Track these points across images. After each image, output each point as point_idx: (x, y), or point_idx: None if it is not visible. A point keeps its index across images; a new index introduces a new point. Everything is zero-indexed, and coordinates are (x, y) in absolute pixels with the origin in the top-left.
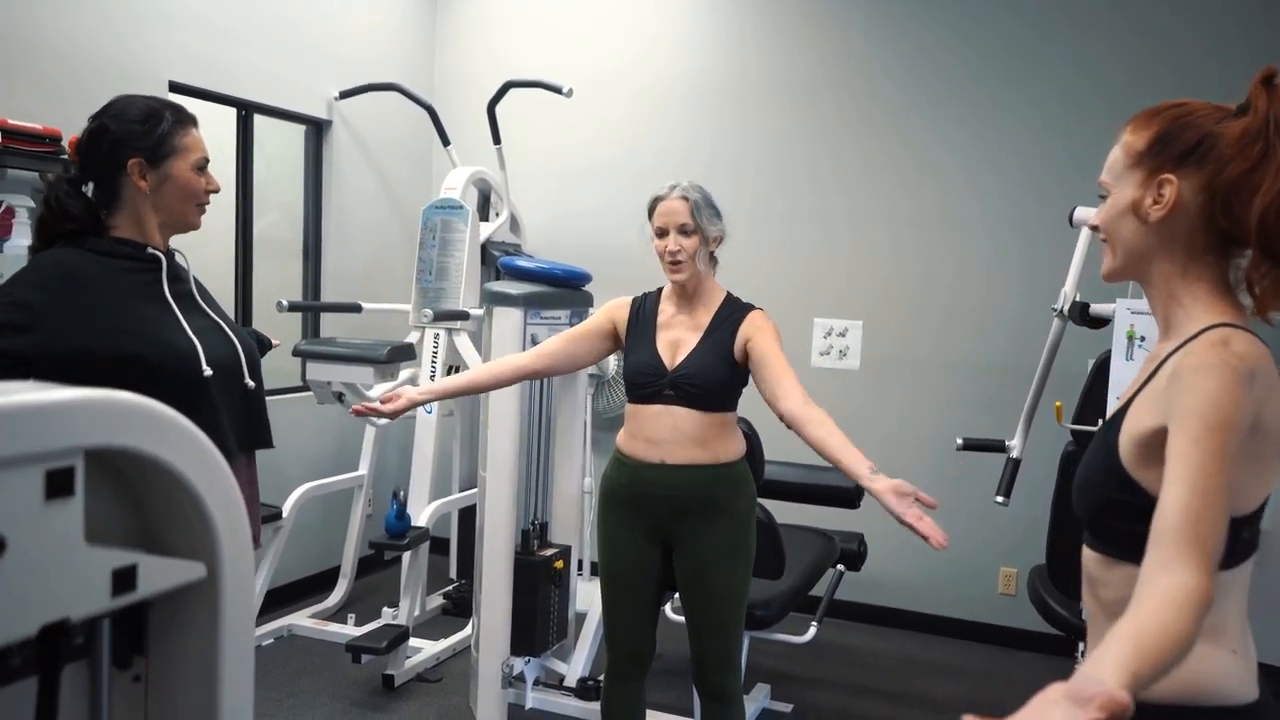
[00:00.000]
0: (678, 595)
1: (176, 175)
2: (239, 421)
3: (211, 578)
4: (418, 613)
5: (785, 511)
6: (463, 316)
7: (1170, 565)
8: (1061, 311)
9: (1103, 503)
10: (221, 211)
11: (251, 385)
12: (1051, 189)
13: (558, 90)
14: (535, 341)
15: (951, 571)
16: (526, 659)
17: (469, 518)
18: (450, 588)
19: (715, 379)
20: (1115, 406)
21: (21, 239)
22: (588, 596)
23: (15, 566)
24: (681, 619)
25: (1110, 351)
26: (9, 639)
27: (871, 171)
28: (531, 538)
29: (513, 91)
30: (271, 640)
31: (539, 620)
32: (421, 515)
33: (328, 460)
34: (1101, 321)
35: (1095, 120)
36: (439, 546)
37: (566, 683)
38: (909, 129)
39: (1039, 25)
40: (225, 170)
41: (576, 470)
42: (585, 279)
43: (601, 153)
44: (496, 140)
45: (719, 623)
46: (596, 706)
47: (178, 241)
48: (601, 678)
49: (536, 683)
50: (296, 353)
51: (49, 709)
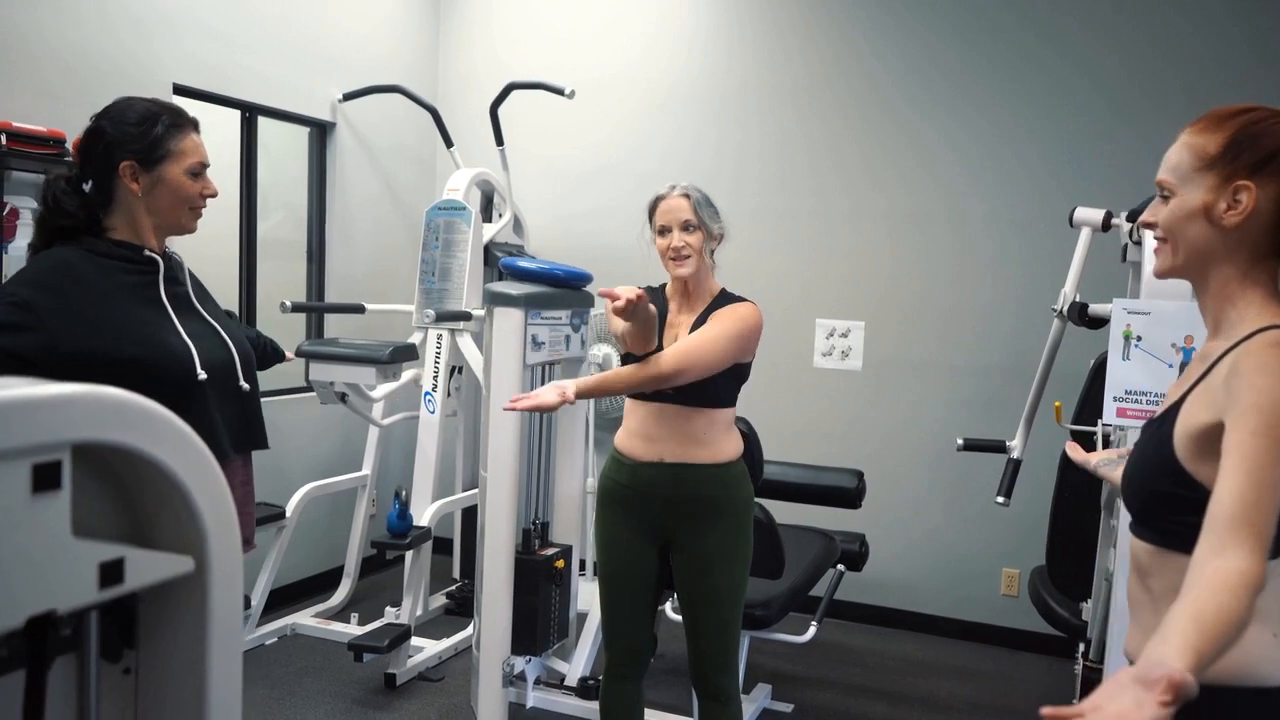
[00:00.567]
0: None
1: (170, 179)
2: (233, 423)
3: (200, 571)
4: (420, 612)
5: (787, 511)
6: (465, 317)
7: (1224, 550)
8: (1061, 312)
9: (1157, 495)
10: (225, 213)
11: (246, 388)
12: (1053, 189)
13: (559, 91)
14: (536, 342)
15: (954, 572)
16: (527, 658)
17: (472, 518)
18: (453, 587)
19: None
20: (1164, 404)
21: (26, 240)
22: (589, 596)
23: (2, 559)
24: (681, 618)
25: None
26: None
27: (873, 172)
28: (533, 537)
29: (516, 93)
30: (275, 639)
31: (540, 619)
32: (424, 515)
33: (331, 460)
34: (1100, 322)
35: (1096, 120)
36: (442, 547)
37: (567, 682)
38: (911, 129)
39: (1040, 25)
40: (229, 172)
41: (578, 470)
42: (586, 279)
43: (604, 154)
44: (499, 141)
45: (716, 623)
46: (596, 705)
47: (182, 244)
48: (601, 677)
49: (537, 682)
50: (300, 353)
51: (37, 701)
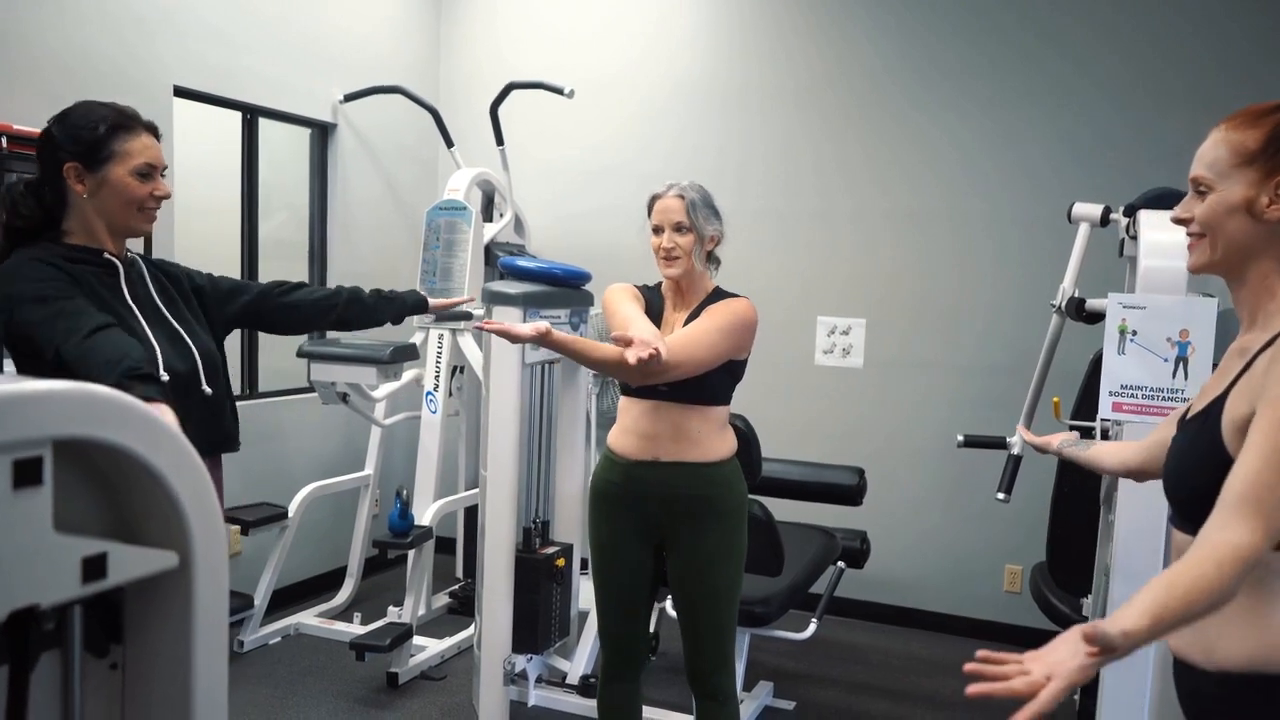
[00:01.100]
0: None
1: (114, 180)
2: (198, 426)
3: (184, 566)
4: (423, 611)
5: (789, 509)
6: (465, 317)
7: (1228, 525)
8: (1059, 308)
9: (1204, 489)
10: (227, 215)
11: (209, 392)
12: (1054, 187)
13: (559, 91)
14: None
15: (956, 569)
16: (529, 657)
17: (474, 517)
18: (456, 587)
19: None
20: (1201, 399)
21: None
22: (590, 594)
23: None
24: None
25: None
26: None
27: (875, 169)
28: (533, 536)
29: (517, 93)
30: (279, 639)
31: (541, 618)
32: (425, 514)
33: (334, 460)
34: (1097, 317)
35: (1097, 117)
36: (445, 546)
37: (569, 680)
38: (912, 127)
39: (1040, 24)
40: (231, 174)
41: (578, 468)
42: (585, 278)
43: (606, 154)
44: (499, 141)
45: (712, 623)
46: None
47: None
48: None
49: (539, 680)
50: (301, 354)
51: (20, 695)
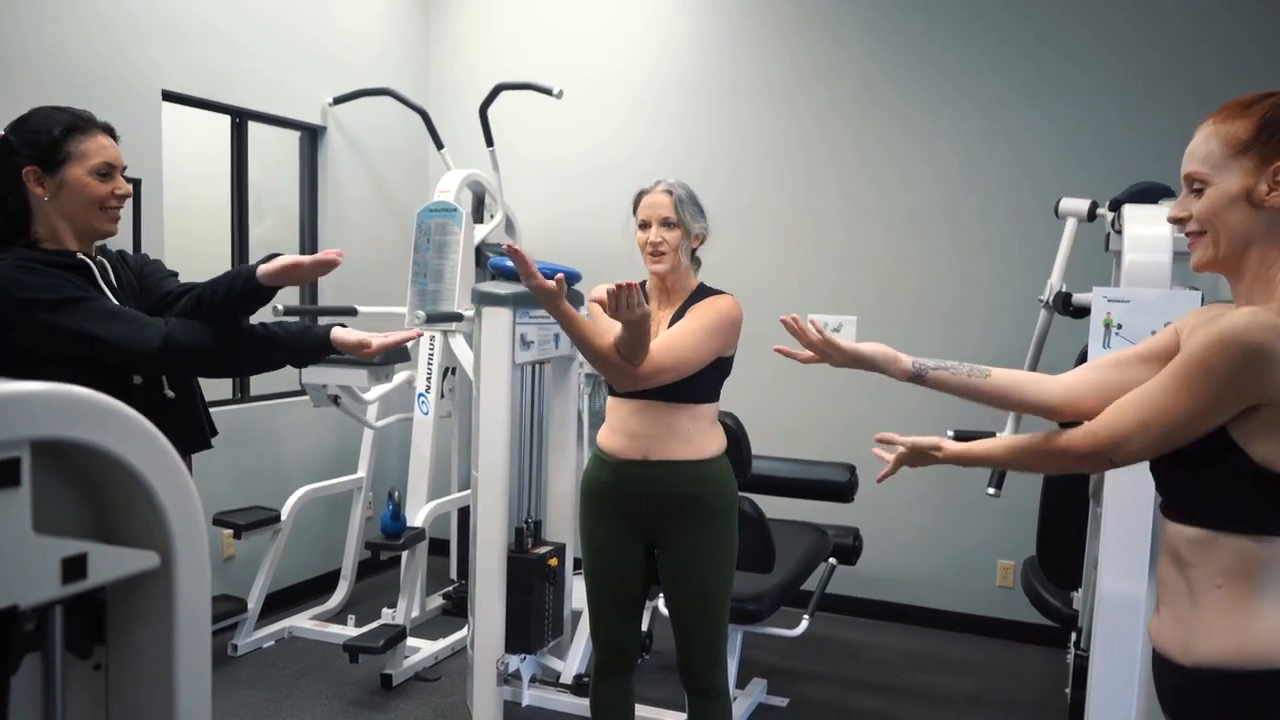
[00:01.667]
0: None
1: (73, 181)
2: (164, 430)
3: (166, 567)
4: (417, 613)
5: (781, 506)
6: (456, 318)
7: (1094, 424)
8: (1047, 302)
9: (1198, 477)
10: (218, 217)
11: (171, 395)
12: (1048, 181)
13: (548, 92)
14: (525, 341)
15: (949, 565)
16: (522, 656)
17: (468, 518)
18: (450, 588)
19: None
20: None
21: None
22: (582, 594)
23: None
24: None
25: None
26: None
27: (866, 167)
28: (525, 536)
29: (507, 95)
30: (272, 642)
31: (534, 618)
32: (418, 516)
33: (326, 463)
34: (1084, 311)
35: (1090, 111)
36: (439, 548)
37: (562, 680)
38: (904, 124)
39: (1033, 19)
40: (221, 177)
41: (570, 468)
42: (575, 278)
43: (596, 154)
44: (489, 143)
45: (703, 621)
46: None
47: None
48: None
49: (533, 680)
50: None
51: (2, 694)
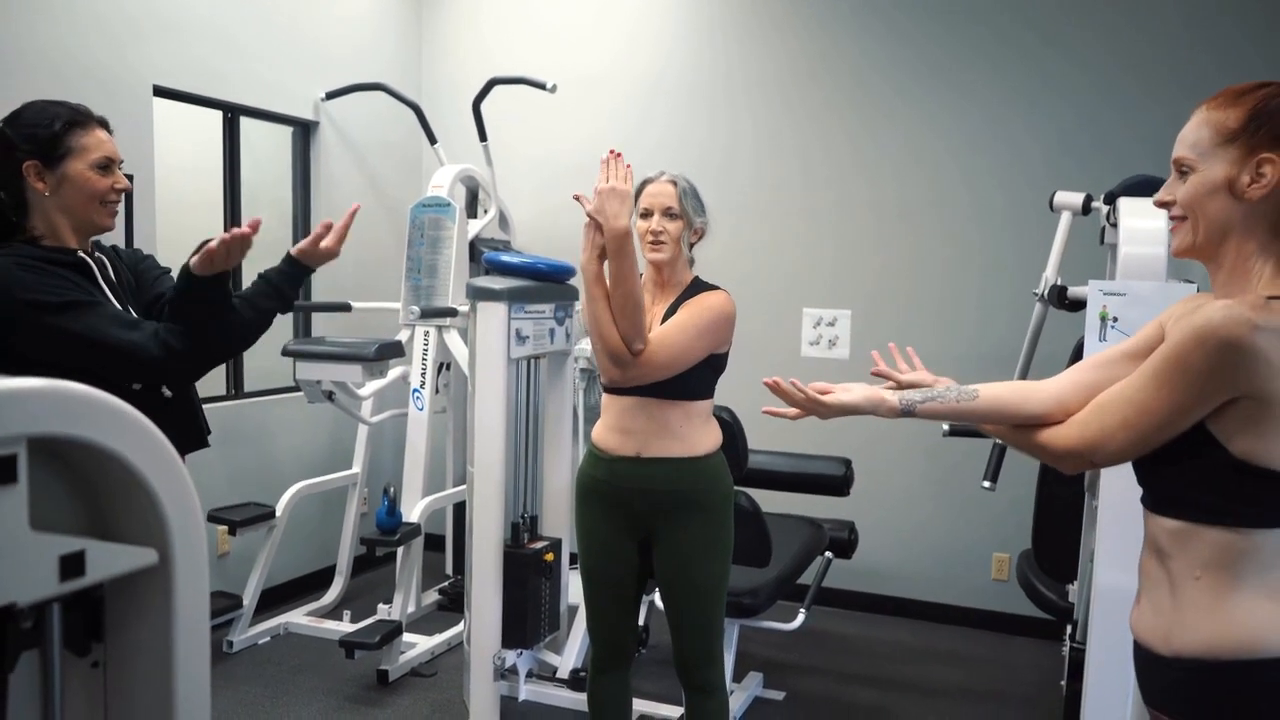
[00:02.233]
0: None
1: (74, 176)
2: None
3: (164, 563)
4: (412, 608)
5: (776, 500)
6: (450, 313)
7: (1074, 423)
8: (1042, 296)
9: (1180, 471)
10: (210, 213)
11: (168, 395)
12: (1041, 176)
13: (541, 86)
14: (520, 336)
15: (944, 558)
16: (519, 651)
17: (463, 513)
18: (445, 583)
19: None
20: None
21: None
22: (579, 588)
23: None
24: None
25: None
26: None
27: (860, 161)
28: (521, 531)
29: (501, 89)
30: (268, 639)
31: (530, 613)
32: (413, 511)
33: (321, 459)
34: (1079, 305)
35: (1082, 105)
36: (434, 543)
37: (559, 674)
38: (898, 118)
39: (1025, 12)
40: (213, 173)
41: (566, 463)
42: (570, 273)
43: (590, 148)
44: (483, 137)
45: (698, 617)
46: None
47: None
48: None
49: (529, 675)
50: (286, 352)
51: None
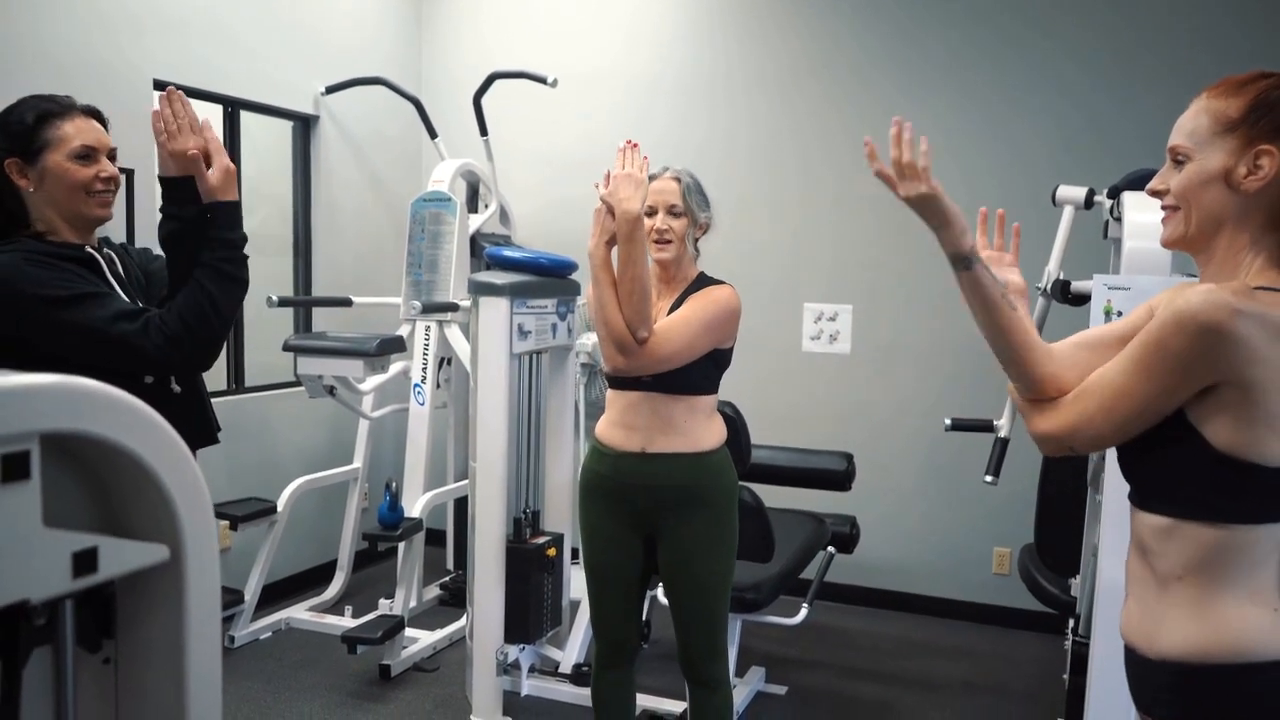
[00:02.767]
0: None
1: (53, 168)
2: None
3: (175, 560)
4: (414, 603)
5: (777, 495)
6: (452, 308)
7: (1059, 404)
8: (1045, 290)
9: (1165, 465)
10: None
11: (177, 390)
12: (1041, 170)
13: (542, 80)
14: (522, 331)
15: (945, 552)
16: (521, 646)
17: (464, 508)
18: (447, 578)
19: None
20: None
21: None
22: (581, 584)
23: None
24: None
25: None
26: None
27: (860, 156)
28: (524, 526)
29: (501, 83)
30: (270, 634)
31: (532, 608)
32: (415, 506)
33: (322, 454)
34: (1083, 299)
35: (1082, 100)
36: (435, 538)
37: (561, 669)
38: (896, 111)
39: (1024, 7)
40: None
41: (568, 458)
42: (571, 268)
43: (590, 143)
44: (483, 132)
45: (703, 612)
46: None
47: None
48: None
49: (532, 670)
50: (287, 347)
51: (12, 690)
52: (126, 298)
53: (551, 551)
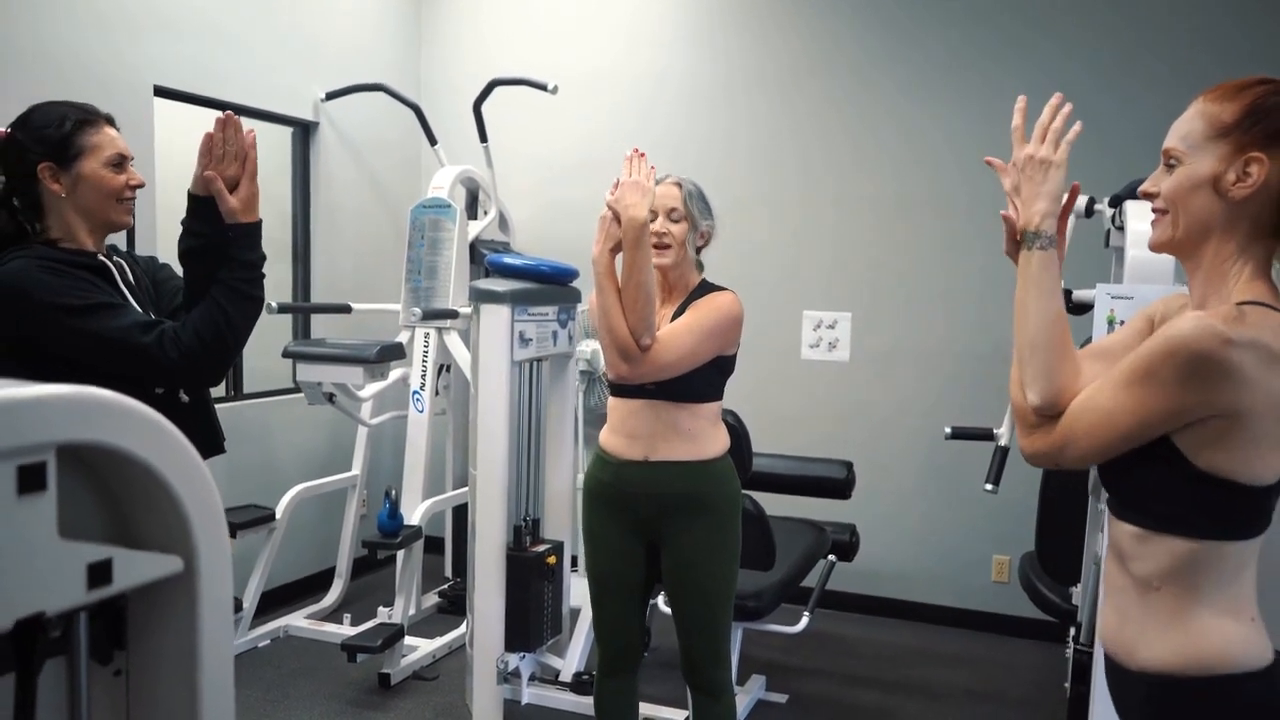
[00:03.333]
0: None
1: (89, 174)
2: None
3: (188, 571)
4: (413, 611)
5: (777, 503)
6: (451, 315)
7: (1046, 426)
8: None
9: (1145, 478)
10: None
11: (186, 400)
12: None
13: (542, 87)
14: (523, 339)
15: (945, 560)
16: (521, 655)
17: (463, 516)
18: (445, 586)
19: None
20: None
21: None
22: (582, 592)
23: None
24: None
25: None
26: None
27: (859, 161)
28: (524, 534)
29: (500, 90)
30: (268, 641)
31: (532, 616)
32: (414, 514)
33: (320, 461)
34: (1084, 307)
35: (1082, 102)
36: (434, 546)
37: (562, 678)
38: (896, 114)
39: (1025, 9)
40: None
41: (568, 466)
42: (572, 275)
43: (590, 148)
44: (483, 138)
45: (705, 620)
46: (591, 701)
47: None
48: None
49: (532, 678)
50: (287, 354)
51: (27, 703)
52: (138, 306)
53: (552, 559)
